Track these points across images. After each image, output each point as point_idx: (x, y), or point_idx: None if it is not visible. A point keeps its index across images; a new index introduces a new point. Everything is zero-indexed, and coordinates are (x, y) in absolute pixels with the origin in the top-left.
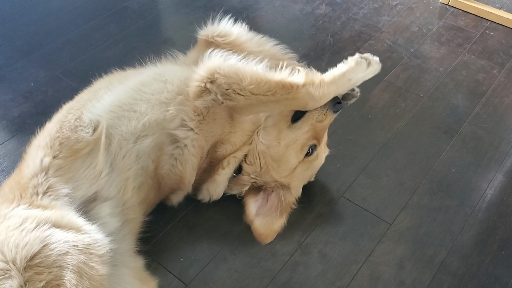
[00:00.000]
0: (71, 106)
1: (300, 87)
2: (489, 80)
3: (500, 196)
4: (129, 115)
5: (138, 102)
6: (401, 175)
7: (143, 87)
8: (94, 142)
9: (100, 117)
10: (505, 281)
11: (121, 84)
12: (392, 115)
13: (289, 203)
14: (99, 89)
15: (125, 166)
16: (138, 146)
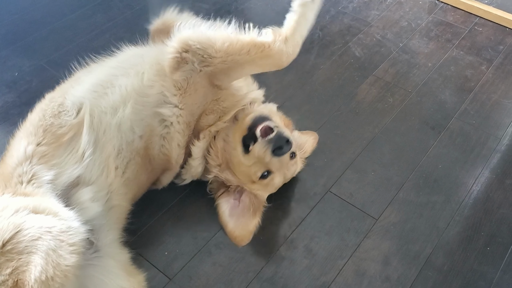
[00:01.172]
0: (53, 95)
1: (272, 44)
2: (477, 76)
3: (486, 192)
4: (110, 91)
5: (117, 77)
6: (388, 171)
7: (121, 64)
8: (78, 125)
9: (83, 99)
10: (490, 277)
11: (101, 66)
12: (380, 110)
13: (260, 202)
14: (80, 76)
15: (106, 141)
16: (118, 117)
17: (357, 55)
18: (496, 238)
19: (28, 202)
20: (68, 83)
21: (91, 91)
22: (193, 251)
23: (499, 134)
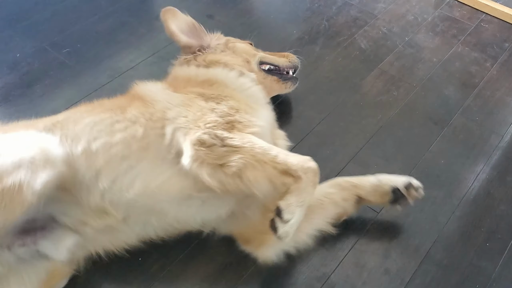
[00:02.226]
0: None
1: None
2: (481, 73)
3: (487, 189)
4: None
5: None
6: (390, 164)
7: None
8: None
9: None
10: (489, 273)
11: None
12: (384, 103)
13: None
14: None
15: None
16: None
17: (363, 48)
18: (496, 235)
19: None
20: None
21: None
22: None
23: (501, 131)
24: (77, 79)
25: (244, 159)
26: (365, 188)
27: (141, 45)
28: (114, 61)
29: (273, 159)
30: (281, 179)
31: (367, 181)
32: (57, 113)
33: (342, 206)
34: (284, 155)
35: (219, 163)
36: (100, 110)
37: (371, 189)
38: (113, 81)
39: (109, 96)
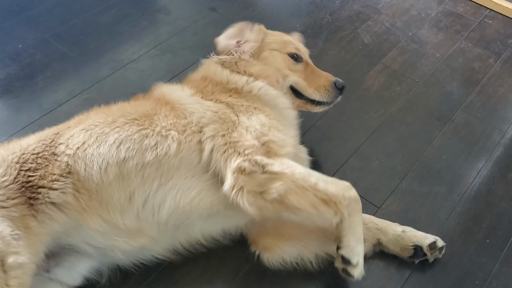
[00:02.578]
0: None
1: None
2: (484, 69)
3: (489, 185)
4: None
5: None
6: (392, 160)
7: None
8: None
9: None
10: (489, 269)
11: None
12: (386, 98)
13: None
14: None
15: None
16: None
17: (366, 42)
18: (496, 231)
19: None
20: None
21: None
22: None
23: (503, 128)
24: (79, 70)
25: (285, 185)
26: (388, 236)
27: (143, 37)
28: (116, 53)
29: (314, 186)
30: (322, 207)
31: (392, 229)
32: (59, 104)
33: None
34: (323, 182)
35: (260, 190)
36: (123, 121)
37: (393, 239)
38: (115, 73)
39: (111, 89)
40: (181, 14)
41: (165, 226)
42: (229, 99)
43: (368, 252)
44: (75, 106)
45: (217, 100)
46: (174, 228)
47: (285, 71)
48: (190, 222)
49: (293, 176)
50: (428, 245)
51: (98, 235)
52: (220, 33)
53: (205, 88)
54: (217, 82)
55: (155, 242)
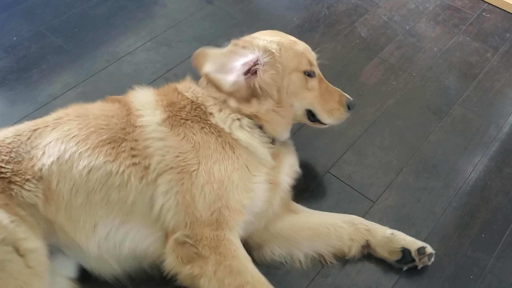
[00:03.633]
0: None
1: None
2: (482, 63)
3: (485, 180)
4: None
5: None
6: (388, 154)
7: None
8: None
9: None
10: (483, 264)
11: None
12: (383, 92)
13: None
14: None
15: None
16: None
17: (363, 36)
18: (492, 226)
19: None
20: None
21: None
22: None
23: (500, 123)
24: (74, 63)
25: (203, 270)
26: (376, 237)
27: (139, 30)
28: (112, 46)
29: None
30: None
31: (381, 231)
32: (54, 98)
33: (347, 245)
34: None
35: (185, 261)
36: (95, 141)
37: (382, 240)
38: (110, 66)
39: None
40: (177, 6)
41: (125, 260)
42: (199, 136)
43: (356, 254)
44: (70, 99)
45: (184, 136)
46: (135, 263)
47: (303, 94)
48: (152, 263)
49: (218, 265)
50: (417, 249)
51: (68, 248)
52: (216, 27)
53: (179, 111)
54: (196, 104)
55: (115, 270)
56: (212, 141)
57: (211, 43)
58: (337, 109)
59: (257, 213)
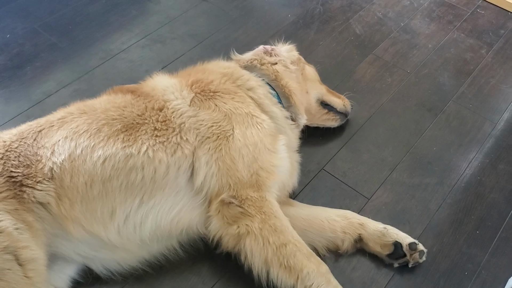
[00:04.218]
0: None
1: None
2: (476, 60)
3: (479, 176)
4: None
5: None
6: (382, 151)
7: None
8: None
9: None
10: (478, 260)
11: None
12: (377, 89)
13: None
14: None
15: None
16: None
17: (358, 33)
18: (486, 222)
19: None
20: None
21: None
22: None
23: (495, 119)
24: (68, 61)
25: (249, 228)
26: (369, 231)
27: (133, 27)
28: (106, 43)
29: (280, 246)
30: (279, 270)
31: (374, 225)
32: (48, 95)
33: (340, 237)
34: (294, 247)
35: (230, 221)
36: (108, 132)
37: (374, 234)
38: (104, 63)
39: (101, 79)
40: (171, 3)
41: (146, 242)
42: (230, 104)
43: (349, 248)
44: (64, 97)
45: (215, 107)
46: (155, 243)
47: (317, 84)
48: (170, 237)
49: (263, 223)
50: (408, 244)
51: (83, 244)
52: (211, 23)
53: (208, 85)
54: (226, 75)
55: (136, 256)
56: (244, 107)
57: (206, 40)
58: (344, 98)
59: (286, 174)
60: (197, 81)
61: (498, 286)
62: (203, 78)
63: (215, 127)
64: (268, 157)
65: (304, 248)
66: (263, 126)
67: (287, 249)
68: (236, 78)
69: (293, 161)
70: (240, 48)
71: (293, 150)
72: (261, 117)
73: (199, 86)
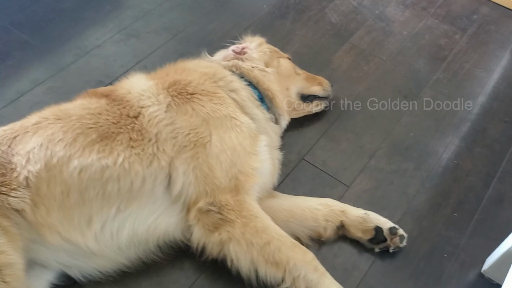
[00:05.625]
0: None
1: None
2: (450, 45)
3: (456, 160)
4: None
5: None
6: (360, 139)
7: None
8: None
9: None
10: (456, 242)
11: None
12: (354, 78)
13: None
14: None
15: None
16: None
17: (333, 22)
18: (464, 205)
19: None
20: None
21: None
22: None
23: (470, 103)
24: (41, 59)
25: (231, 234)
26: (350, 217)
27: (107, 22)
28: (80, 39)
29: (263, 245)
30: (267, 268)
31: (355, 211)
32: (22, 94)
33: (322, 226)
34: (278, 242)
35: (211, 228)
36: (83, 142)
37: (355, 220)
38: (79, 60)
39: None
40: None
41: (124, 249)
42: (208, 107)
43: (332, 236)
44: (38, 95)
45: (193, 112)
46: (132, 249)
47: (294, 77)
48: (148, 244)
49: (244, 227)
50: (389, 228)
51: (60, 251)
52: (186, 16)
53: (186, 86)
54: (206, 75)
55: (114, 262)
56: (222, 109)
57: (181, 33)
58: (323, 81)
59: (267, 175)
60: (175, 82)
61: (477, 266)
62: (181, 79)
63: (192, 135)
64: (247, 160)
65: (288, 241)
66: (242, 129)
67: (271, 247)
68: (218, 78)
69: (275, 159)
70: (216, 41)
71: (274, 148)
72: (240, 118)
73: (176, 88)
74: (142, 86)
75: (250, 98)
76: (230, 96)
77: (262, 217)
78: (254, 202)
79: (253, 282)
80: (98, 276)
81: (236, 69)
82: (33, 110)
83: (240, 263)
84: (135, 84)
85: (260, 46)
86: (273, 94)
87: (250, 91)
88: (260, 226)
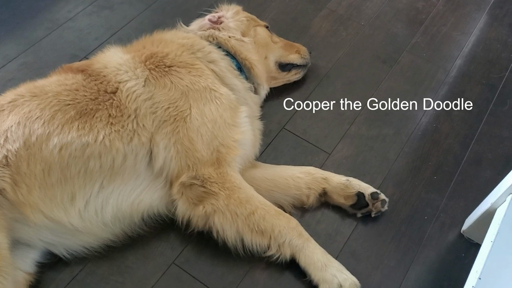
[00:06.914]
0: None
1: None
2: (428, 9)
3: (435, 124)
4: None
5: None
6: (340, 105)
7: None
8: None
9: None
10: (436, 204)
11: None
12: (333, 44)
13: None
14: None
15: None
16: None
17: None
18: (443, 167)
19: None
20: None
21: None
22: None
23: (447, 67)
24: (12, 33)
25: (215, 206)
26: (332, 184)
27: None
28: (51, 12)
29: (248, 215)
30: (253, 236)
31: (337, 178)
32: None
33: (305, 194)
34: (263, 211)
35: (196, 201)
36: (62, 119)
37: (337, 187)
38: (51, 34)
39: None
40: None
41: (109, 225)
42: (187, 79)
43: (314, 203)
44: (11, 71)
45: (171, 85)
46: (117, 225)
47: (271, 46)
48: (133, 218)
49: (228, 199)
50: (370, 193)
51: (44, 230)
52: None
53: (163, 59)
54: (184, 46)
55: (100, 238)
56: (201, 81)
57: (155, 3)
58: (301, 49)
59: (248, 146)
60: (152, 55)
61: (456, 227)
62: (158, 52)
63: (172, 109)
64: (228, 132)
65: (272, 209)
66: (221, 101)
67: (255, 216)
68: (196, 49)
69: (256, 130)
70: (191, 10)
71: (255, 119)
72: (220, 90)
73: (154, 61)
74: (119, 60)
75: (229, 68)
76: (208, 67)
77: (245, 188)
78: (236, 174)
79: (240, 251)
80: (83, 252)
81: (213, 39)
82: (7, 88)
83: (226, 233)
84: (111, 58)
85: (237, 14)
86: (251, 63)
87: (228, 61)
88: (244, 197)
